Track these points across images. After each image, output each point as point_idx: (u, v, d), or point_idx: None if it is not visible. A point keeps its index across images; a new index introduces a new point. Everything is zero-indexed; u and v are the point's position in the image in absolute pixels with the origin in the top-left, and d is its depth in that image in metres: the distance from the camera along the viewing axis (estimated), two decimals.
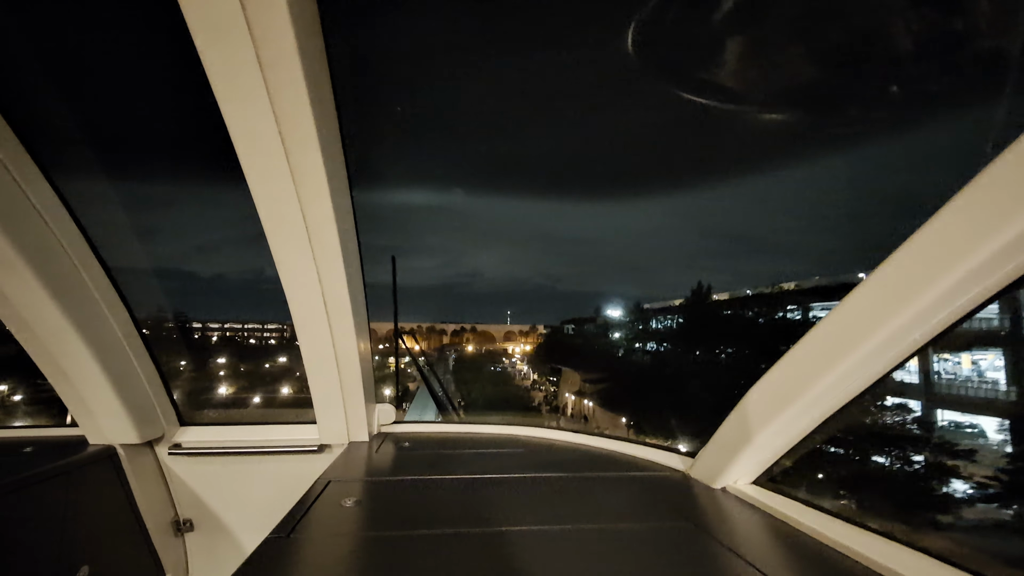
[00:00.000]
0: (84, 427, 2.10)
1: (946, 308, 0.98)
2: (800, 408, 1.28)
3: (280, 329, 35.21)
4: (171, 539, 2.30)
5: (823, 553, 1.11)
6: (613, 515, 1.36)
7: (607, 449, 2.16)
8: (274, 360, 27.17)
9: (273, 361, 26.78)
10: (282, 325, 34.91)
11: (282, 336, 34.41)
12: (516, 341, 35.83)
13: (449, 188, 24.56)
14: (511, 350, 34.67)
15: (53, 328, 1.82)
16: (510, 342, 35.48)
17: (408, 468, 1.87)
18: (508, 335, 36.27)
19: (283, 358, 26.53)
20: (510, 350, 34.66)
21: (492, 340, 35.67)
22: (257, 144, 1.52)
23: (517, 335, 36.67)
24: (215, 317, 31.70)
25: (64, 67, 1.84)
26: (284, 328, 34.90)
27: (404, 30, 2.02)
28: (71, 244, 1.87)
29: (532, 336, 36.11)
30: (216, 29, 1.29)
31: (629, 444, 2.13)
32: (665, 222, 53.42)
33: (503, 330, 36.49)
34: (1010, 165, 0.85)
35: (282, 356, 27.01)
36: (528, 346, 34.18)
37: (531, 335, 35.62)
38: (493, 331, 35.90)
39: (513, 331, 36.98)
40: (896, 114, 3.26)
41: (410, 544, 1.14)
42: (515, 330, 37.24)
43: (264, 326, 35.28)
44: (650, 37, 1.88)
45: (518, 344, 35.24)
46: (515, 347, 34.78)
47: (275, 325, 35.22)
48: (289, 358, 29.53)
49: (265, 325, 35.29)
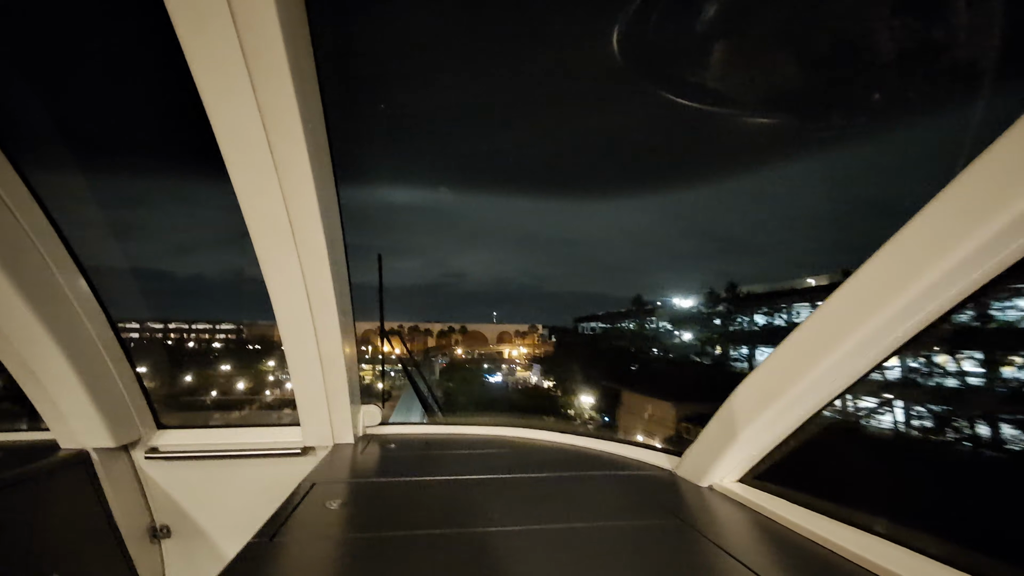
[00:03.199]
0: (55, 431, 2.03)
1: (928, 306, 1.00)
2: (785, 405, 1.30)
3: (234, 331, 33.31)
4: (147, 546, 2.23)
5: (809, 549, 1.13)
6: (600, 514, 1.37)
7: (594, 449, 2.16)
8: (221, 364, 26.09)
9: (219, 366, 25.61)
10: (237, 326, 33.12)
11: (227, 339, 32.52)
12: (512, 343, 31.09)
13: (435, 188, 23.67)
14: (507, 354, 29.44)
15: (22, 327, 1.75)
16: (505, 344, 31.00)
17: (394, 469, 1.85)
18: (502, 336, 31.77)
19: (226, 366, 25.40)
20: (506, 354, 29.44)
21: (483, 342, 31.41)
22: (240, 137, 1.48)
23: (513, 337, 32.04)
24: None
25: (36, 56, 1.77)
26: (237, 328, 33.01)
27: (390, 25, 2.00)
28: (43, 241, 1.80)
29: (530, 338, 31.49)
30: (198, 15, 1.26)
31: (616, 444, 2.14)
32: (652, 223, 53.99)
33: (496, 331, 31.53)
34: (988, 167, 0.87)
35: (225, 364, 25.82)
36: (525, 348, 29.55)
37: (529, 336, 31.17)
38: (485, 332, 31.46)
39: (508, 332, 31.98)
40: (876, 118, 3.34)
41: (397, 545, 1.13)
42: (510, 330, 32.11)
43: (216, 327, 33.37)
44: (636, 38, 1.89)
45: (515, 347, 30.39)
46: (511, 350, 29.80)
47: (229, 326, 33.57)
48: (237, 362, 27.94)
49: (217, 326, 33.43)
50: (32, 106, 1.92)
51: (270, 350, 30.13)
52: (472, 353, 30.02)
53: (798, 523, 1.22)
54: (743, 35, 2.06)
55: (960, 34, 1.52)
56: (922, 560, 1.00)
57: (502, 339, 31.96)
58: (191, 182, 2.21)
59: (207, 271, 59.34)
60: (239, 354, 31.03)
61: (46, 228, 1.82)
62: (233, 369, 27.50)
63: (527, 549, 1.11)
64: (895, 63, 1.77)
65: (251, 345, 32.62)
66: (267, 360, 28.78)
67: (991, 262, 0.90)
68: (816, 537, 1.16)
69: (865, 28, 1.88)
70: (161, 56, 1.43)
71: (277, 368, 28.50)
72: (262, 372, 27.81)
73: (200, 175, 1.87)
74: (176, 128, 2.02)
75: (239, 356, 30.81)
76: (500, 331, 33.29)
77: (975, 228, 0.88)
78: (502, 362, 28.09)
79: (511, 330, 32.77)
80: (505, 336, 32.26)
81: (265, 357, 28.98)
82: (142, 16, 1.39)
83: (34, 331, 1.77)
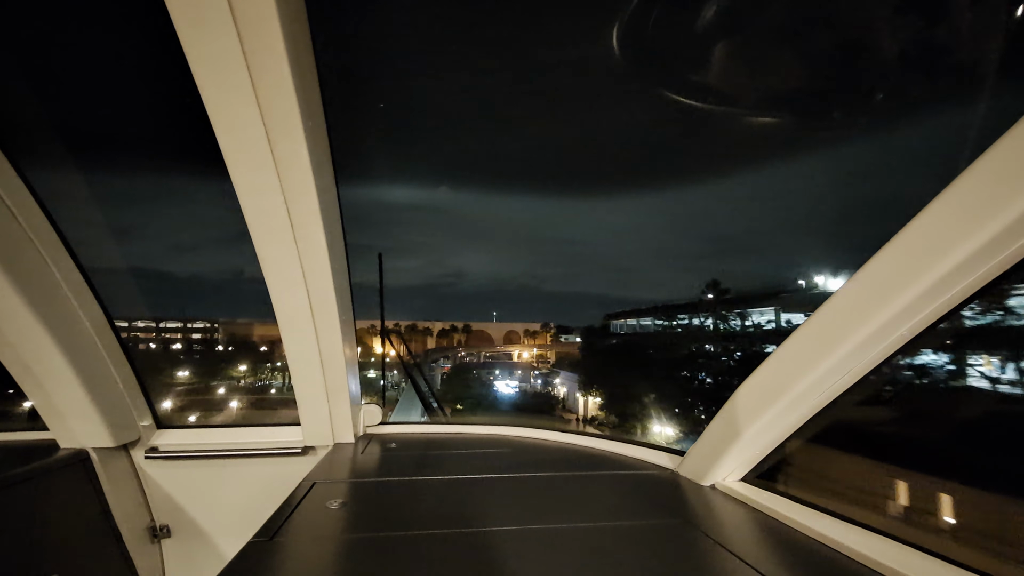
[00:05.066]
0: (54, 431, 2.02)
1: (931, 304, 1.00)
2: (788, 404, 1.30)
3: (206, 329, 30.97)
4: (147, 546, 2.23)
5: (813, 548, 1.12)
6: (601, 513, 1.36)
7: (595, 448, 2.16)
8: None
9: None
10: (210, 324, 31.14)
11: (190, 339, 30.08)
12: (522, 344, 27.25)
13: (434, 187, 22.55)
14: (517, 355, 25.17)
15: (21, 326, 1.74)
16: (514, 345, 27.27)
17: (395, 469, 1.84)
18: (510, 336, 28.53)
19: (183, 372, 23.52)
20: (515, 355, 25.25)
21: (489, 342, 28.37)
22: (240, 135, 1.48)
23: (522, 336, 28.29)
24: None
25: (35, 55, 1.77)
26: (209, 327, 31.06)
27: (390, 25, 2.00)
28: (42, 240, 1.79)
29: (540, 338, 27.08)
30: (198, 14, 1.25)
31: (617, 443, 2.13)
32: (650, 222, 54.01)
33: (502, 329, 28.79)
34: (991, 165, 0.87)
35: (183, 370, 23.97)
36: (537, 349, 25.38)
37: (539, 337, 27.46)
38: (490, 331, 28.63)
39: (516, 331, 28.66)
40: (878, 117, 3.35)
41: (397, 545, 1.12)
42: (518, 330, 28.70)
43: (187, 325, 31.08)
44: (636, 38, 1.88)
45: (525, 347, 26.22)
46: (521, 351, 25.46)
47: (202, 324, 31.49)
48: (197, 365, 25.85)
49: (189, 324, 31.16)
50: (32, 105, 1.91)
51: (245, 352, 27.47)
52: (477, 355, 26.53)
53: (802, 522, 1.22)
54: (745, 34, 2.06)
55: (962, 34, 1.52)
56: (929, 559, 0.99)
57: (509, 339, 28.78)
58: (191, 180, 2.20)
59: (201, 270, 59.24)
60: (206, 358, 28.47)
61: (46, 228, 1.81)
62: (194, 376, 24.69)
63: (529, 549, 1.11)
64: (896, 63, 1.77)
65: (223, 347, 29.95)
66: (238, 365, 26.43)
67: (993, 262, 0.90)
68: (820, 536, 1.15)
69: (866, 28, 1.88)
70: (161, 55, 1.43)
71: (250, 373, 25.84)
72: (232, 378, 25.49)
73: (200, 173, 1.86)
74: (176, 127, 2.01)
75: (205, 360, 28.06)
76: (507, 330, 29.05)
77: (977, 228, 0.88)
78: (515, 367, 23.36)
79: (519, 329, 28.96)
80: (513, 336, 28.90)
81: (237, 360, 26.69)
82: (142, 15, 1.38)
83: (33, 330, 1.76)
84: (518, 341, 28.39)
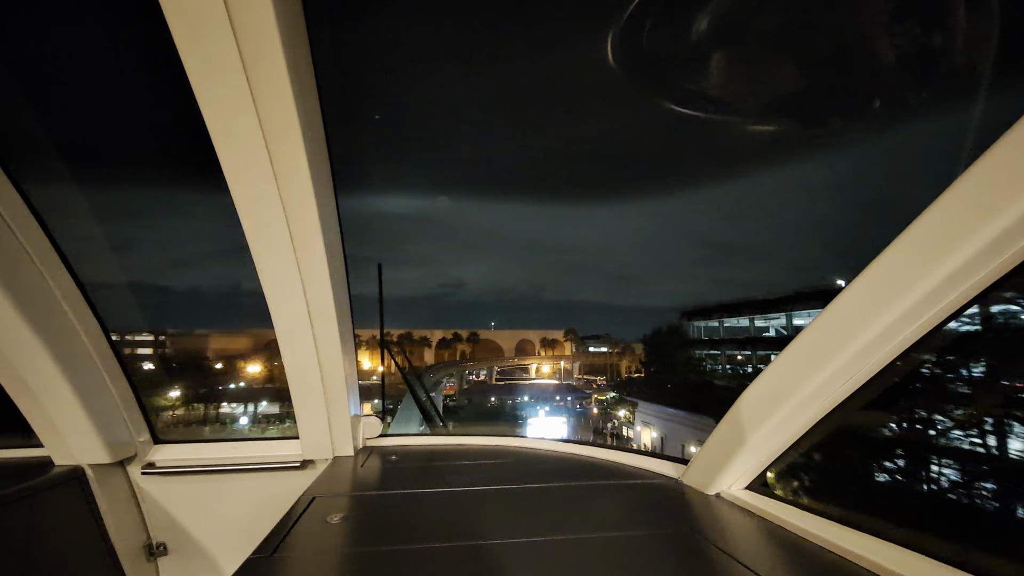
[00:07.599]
0: (49, 447, 1.99)
1: (935, 306, 0.99)
2: (792, 411, 1.28)
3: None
4: (143, 564, 2.19)
5: (821, 556, 1.11)
6: (606, 524, 1.34)
7: (598, 458, 2.13)
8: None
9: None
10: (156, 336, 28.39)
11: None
12: (539, 356, 21.75)
13: (433, 197, 21.05)
14: (535, 370, 18.40)
15: (16, 340, 1.73)
16: (528, 357, 21.66)
17: (395, 482, 1.82)
18: (523, 346, 22.67)
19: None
20: (533, 370, 18.57)
21: (499, 354, 23.20)
22: (239, 146, 1.48)
23: (538, 347, 22.93)
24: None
25: (32, 67, 1.77)
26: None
27: (389, 34, 2.01)
28: (39, 254, 1.78)
29: (559, 348, 22.06)
30: (197, 25, 1.26)
31: (620, 452, 2.11)
32: (650, 230, 54.17)
33: (513, 338, 22.72)
34: (992, 166, 0.87)
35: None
36: (560, 363, 19.57)
37: (558, 347, 22.07)
38: (499, 340, 23.08)
39: (530, 340, 22.63)
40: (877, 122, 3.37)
41: (399, 559, 1.10)
42: (533, 339, 22.74)
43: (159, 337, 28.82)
44: (634, 46, 1.90)
45: (545, 360, 20.42)
46: (540, 365, 19.41)
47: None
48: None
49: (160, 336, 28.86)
50: (28, 118, 1.91)
51: (199, 368, 22.92)
52: (488, 369, 20.63)
53: (809, 530, 1.20)
54: (741, 41, 2.07)
55: (960, 35, 1.54)
56: (942, 567, 0.97)
57: (523, 349, 23.75)
58: (190, 193, 2.21)
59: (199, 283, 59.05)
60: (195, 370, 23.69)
61: (43, 241, 1.81)
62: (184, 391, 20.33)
63: (532, 561, 1.09)
64: (894, 65, 1.79)
65: (176, 363, 25.11)
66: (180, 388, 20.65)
67: (997, 261, 0.90)
68: (828, 544, 1.13)
69: (864, 32, 1.89)
70: (159, 67, 1.43)
71: (206, 397, 21.18)
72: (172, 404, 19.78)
73: (199, 186, 1.85)
74: (175, 138, 2.02)
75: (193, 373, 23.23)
76: (519, 339, 23.72)
77: (980, 228, 0.88)
78: (545, 388, 16.69)
79: (534, 338, 23.53)
80: (527, 346, 23.68)
81: (182, 378, 21.67)
82: (140, 27, 1.38)
83: (30, 346, 1.74)
84: (533, 352, 23.31)
